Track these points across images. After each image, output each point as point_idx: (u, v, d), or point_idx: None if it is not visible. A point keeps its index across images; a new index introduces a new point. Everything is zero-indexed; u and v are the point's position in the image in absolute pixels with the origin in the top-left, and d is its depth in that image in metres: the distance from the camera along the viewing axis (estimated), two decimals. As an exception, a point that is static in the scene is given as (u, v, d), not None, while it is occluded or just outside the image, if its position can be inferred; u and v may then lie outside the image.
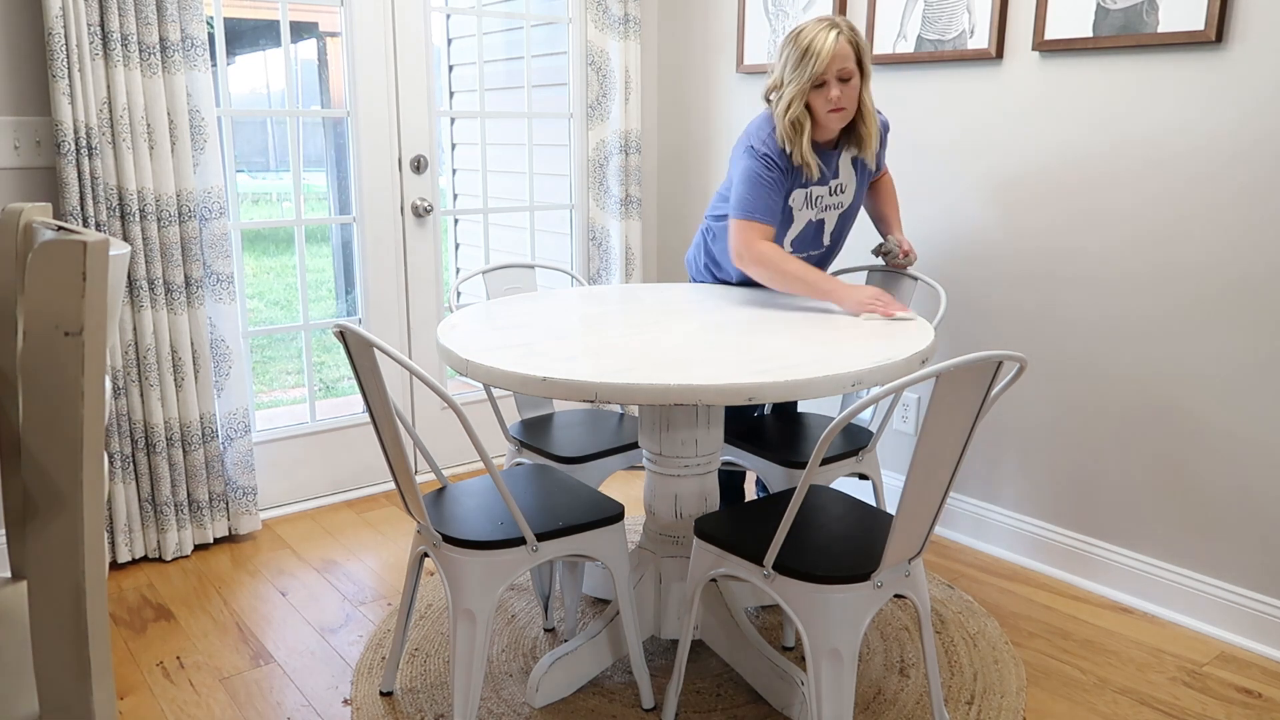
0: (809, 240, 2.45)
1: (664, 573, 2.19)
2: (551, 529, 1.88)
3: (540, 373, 1.69)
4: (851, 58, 2.21)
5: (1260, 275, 2.24)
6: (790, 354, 1.82)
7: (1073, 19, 2.46)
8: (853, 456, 2.35)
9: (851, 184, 2.41)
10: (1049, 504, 2.73)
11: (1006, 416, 2.80)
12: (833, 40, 2.18)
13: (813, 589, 1.68)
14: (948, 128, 2.81)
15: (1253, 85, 2.20)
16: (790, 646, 2.34)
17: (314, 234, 9.32)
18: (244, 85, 10.60)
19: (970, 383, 1.54)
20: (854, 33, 2.23)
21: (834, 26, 2.21)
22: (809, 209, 2.38)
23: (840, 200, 2.41)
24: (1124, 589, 2.58)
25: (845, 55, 2.20)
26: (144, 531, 2.77)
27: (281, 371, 5.84)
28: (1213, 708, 2.11)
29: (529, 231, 3.68)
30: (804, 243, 2.45)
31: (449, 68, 4.57)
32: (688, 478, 2.14)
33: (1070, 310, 2.61)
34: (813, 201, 2.37)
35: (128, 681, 2.21)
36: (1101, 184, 2.50)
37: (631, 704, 2.10)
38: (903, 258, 2.48)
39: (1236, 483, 2.34)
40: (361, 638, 2.40)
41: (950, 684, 2.17)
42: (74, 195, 2.45)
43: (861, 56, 2.24)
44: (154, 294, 2.64)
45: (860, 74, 2.25)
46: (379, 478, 3.38)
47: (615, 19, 3.48)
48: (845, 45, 2.19)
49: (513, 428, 2.51)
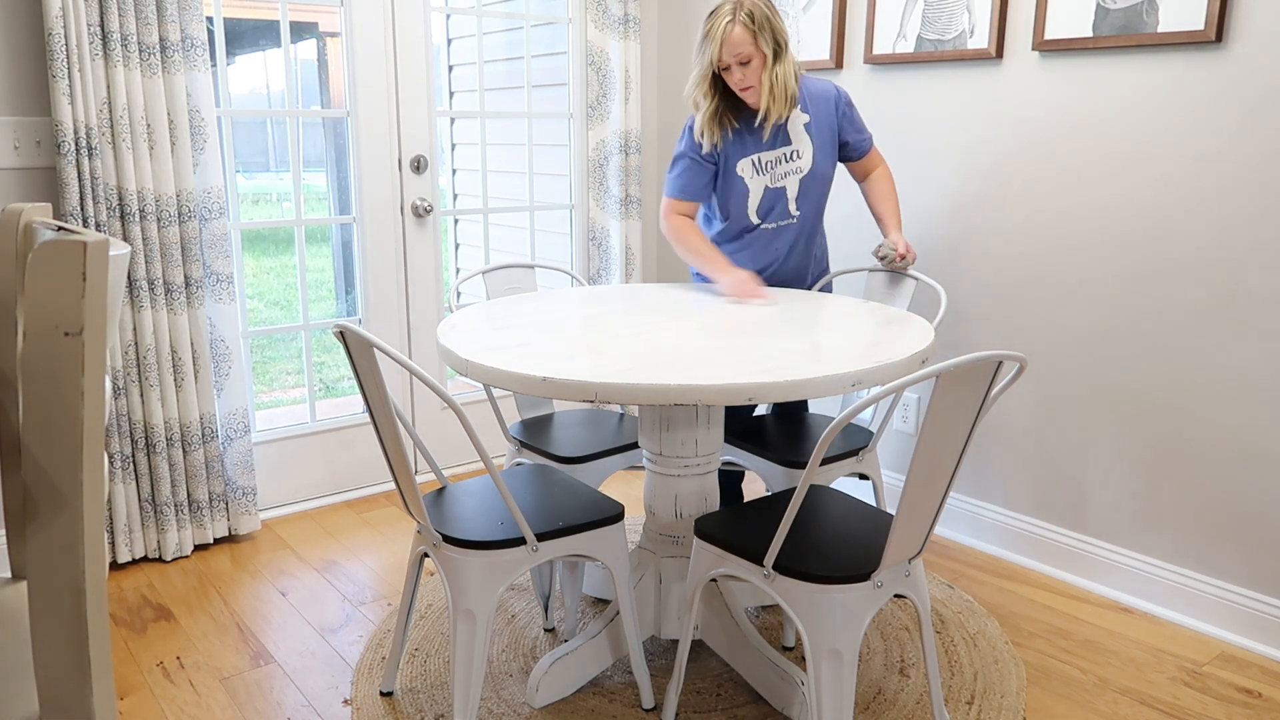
0: (778, 210, 2.50)
1: (664, 573, 2.19)
2: (551, 529, 1.88)
3: (540, 373, 1.69)
4: (747, 41, 2.29)
5: (1260, 275, 2.24)
6: (790, 354, 1.82)
7: (1073, 19, 2.46)
8: (853, 456, 2.35)
9: (808, 149, 2.46)
10: (1049, 504, 2.73)
11: (1007, 416, 2.80)
12: (724, 27, 2.30)
13: (813, 589, 1.68)
14: (947, 128, 2.81)
15: (1253, 85, 2.20)
16: (790, 646, 2.34)
17: (314, 234, 9.32)
18: (244, 85, 10.60)
19: (970, 383, 1.54)
20: (751, 16, 2.29)
21: (734, 12, 2.30)
22: (761, 175, 2.45)
23: (799, 165, 2.46)
24: (1124, 589, 2.58)
25: (739, 40, 2.29)
26: (144, 531, 2.77)
27: (281, 371, 5.84)
28: (1213, 708, 2.11)
29: (529, 231, 3.68)
30: (772, 212, 2.50)
31: (449, 68, 4.57)
32: (688, 478, 2.14)
33: (1070, 309, 2.61)
34: (763, 168, 2.45)
35: (128, 681, 2.21)
36: (1101, 184, 2.50)
37: (631, 704, 2.10)
38: (900, 260, 2.48)
39: (1236, 483, 2.34)
40: (361, 638, 2.40)
41: (950, 684, 2.17)
42: (74, 195, 2.45)
43: (758, 38, 2.30)
44: (154, 294, 2.64)
45: (762, 55, 2.32)
46: (379, 478, 3.38)
47: (615, 19, 3.48)
48: (740, 31, 2.28)
49: (513, 428, 2.51)
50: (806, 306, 2.30)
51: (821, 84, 2.51)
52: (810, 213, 2.53)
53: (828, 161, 2.50)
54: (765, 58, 2.33)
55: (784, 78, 2.36)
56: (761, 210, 2.49)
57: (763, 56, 2.32)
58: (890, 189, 2.59)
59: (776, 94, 2.36)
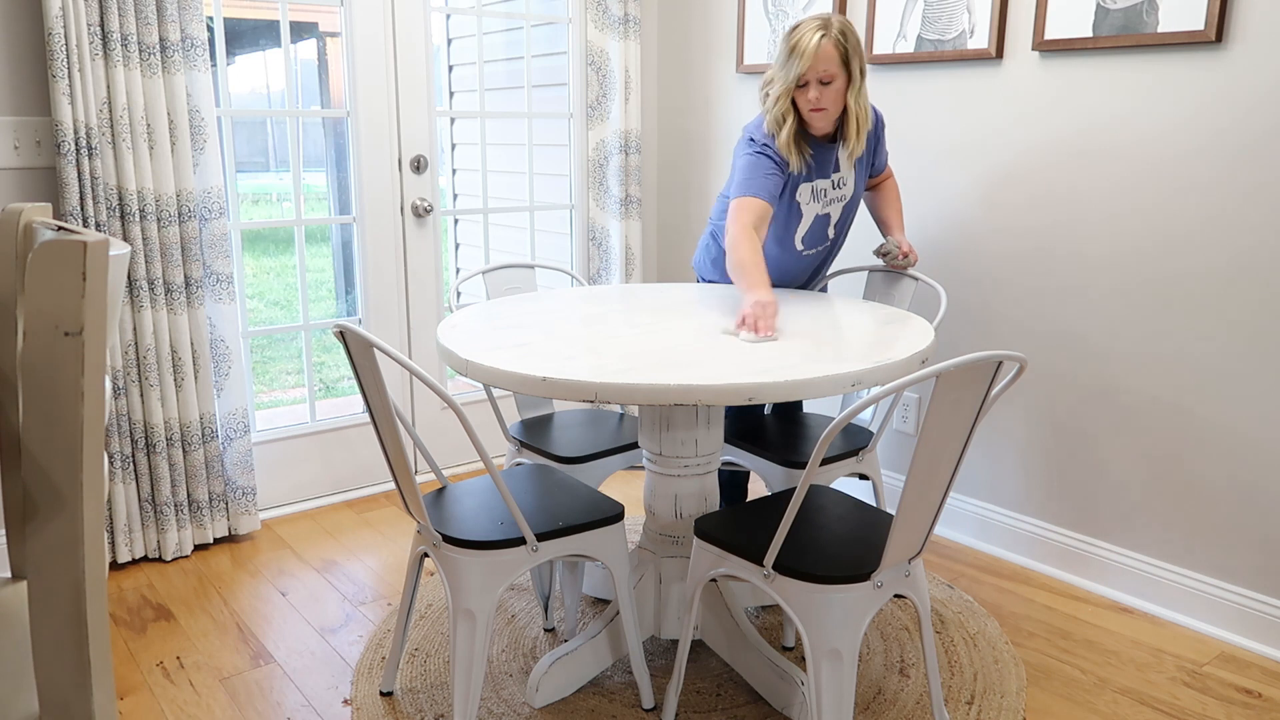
0: (818, 235, 2.48)
1: (664, 573, 2.19)
2: (551, 529, 1.88)
3: (540, 373, 1.69)
4: (835, 60, 2.20)
5: (1260, 274, 2.24)
6: (790, 354, 1.82)
7: (1073, 19, 2.46)
8: (853, 456, 2.35)
9: (851, 177, 2.44)
10: (1049, 504, 2.73)
11: (1006, 416, 2.80)
12: (816, 42, 2.19)
13: (813, 589, 1.68)
14: (947, 128, 2.81)
15: (1253, 85, 2.20)
16: (790, 646, 2.34)
17: (314, 234, 9.32)
18: (244, 85, 10.60)
19: (970, 383, 1.54)
20: (844, 35, 2.21)
21: (824, 28, 2.21)
22: (815, 202, 2.41)
23: (843, 193, 2.45)
24: (1124, 589, 2.58)
25: (828, 58, 2.20)
26: (144, 531, 2.77)
27: (281, 371, 5.84)
28: (1213, 708, 2.11)
29: (529, 231, 3.68)
30: (813, 238, 2.48)
31: (449, 68, 4.57)
32: (688, 478, 2.14)
33: (1070, 310, 2.61)
34: (819, 195, 2.40)
35: (128, 681, 2.21)
36: (1101, 184, 2.50)
37: (631, 704, 2.10)
38: (902, 258, 2.48)
39: (1236, 483, 2.34)
40: (361, 638, 2.40)
41: (950, 684, 2.17)
42: (74, 195, 2.45)
43: (849, 60, 2.23)
44: (154, 294, 2.64)
45: (848, 77, 2.25)
46: (379, 478, 3.38)
47: (615, 19, 3.48)
48: (830, 48, 2.19)
49: (513, 428, 2.51)
50: (806, 306, 2.30)
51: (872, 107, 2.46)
52: (841, 236, 2.55)
53: (863, 185, 2.50)
54: (849, 80, 2.25)
55: (866, 106, 2.31)
56: (808, 237, 2.46)
57: (846, 78, 2.25)
58: (896, 195, 2.60)
59: (861, 121, 2.30)
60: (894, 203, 2.58)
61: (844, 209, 2.48)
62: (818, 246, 2.50)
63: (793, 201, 2.38)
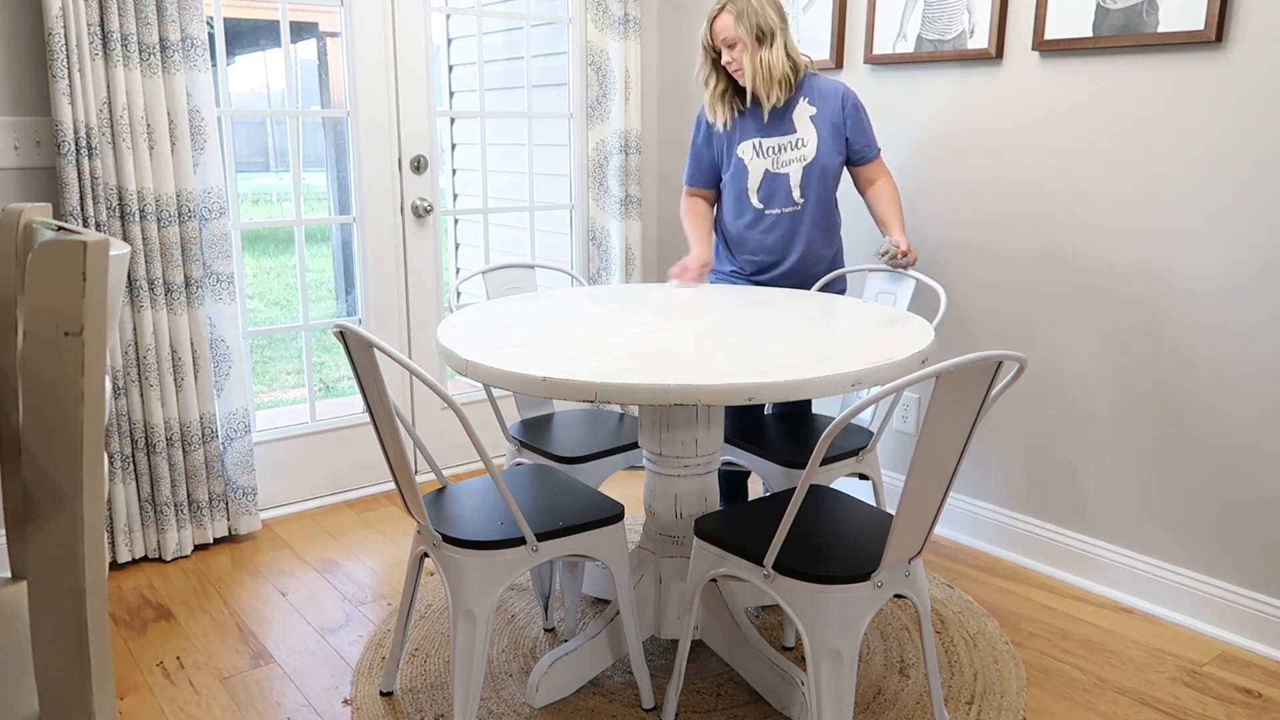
0: (780, 196, 2.60)
1: (664, 573, 2.19)
2: (551, 529, 1.88)
3: (540, 373, 1.69)
4: (731, 26, 2.51)
5: (1260, 274, 2.24)
6: (790, 354, 1.82)
7: (1073, 19, 2.46)
8: (853, 456, 2.35)
9: (813, 138, 2.58)
10: (1049, 504, 2.73)
11: (1006, 416, 2.80)
12: (714, 14, 2.55)
13: (813, 589, 1.68)
14: (947, 128, 2.81)
15: (1253, 85, 2.20)
16: (790, 646, 2.34)
17: (314, 234, 9.32)
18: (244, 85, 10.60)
19: (970, 383, 1.54)
20: (736, 4, 2.51)
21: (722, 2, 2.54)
22: (762, 158, 2.61)
23: (804, 154, 2.58)
24: (1124, 589, 2.58)
25: (724, 26, 2.52)
26: (144, 531, 2.77)
27: (281, 371, 5.84)
28: (1213, 708, 2.11)
29: (529, 231, 3.68)
30: (775, 197, 2.61)
31: (449, 68, 4.57)
32: (688, 478, 2.14)
33: (1070, 309, 2.61)
34: (763, 151, 2.61)
35: (128, 681, 2.21)
36: (1101, 184, 2.50)
37: (631, 704, 2.10)
38: (901, 258, 2.50)
39: (1236, 483, 2.34)
40: (361, 638, 2.40)
41: (950, 684, 2.17)
42: (74, 195, 2.45)
43: (744, 23, 2.51)
44: (154, 294, 2.64)
45: (747, 39, 2.51)
46: (379, 478, 3.38)
47: (615, 19, 3.48)
48: (725, 17, 2.52)
49: (513, 428, 2.51)
50: (806, 306, 2.30)
51: (833, 83, 2.60)
52: (815, 200, 2.59)
53: (832, 153, 2.58)
54: (747, 44, 2.50)
55: (769, 63, 2.52)
56: (763, 194, 2.60)
57: (744, 43, 2.50)
58: (893, 195, 2.63)
59: (761, 76, 2.53)
60: (892, 203, 2.61)
61: (805, 170, 2.58)
62: (784, 208, 2.60)
63: (734, 156, 2.63)
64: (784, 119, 2.60)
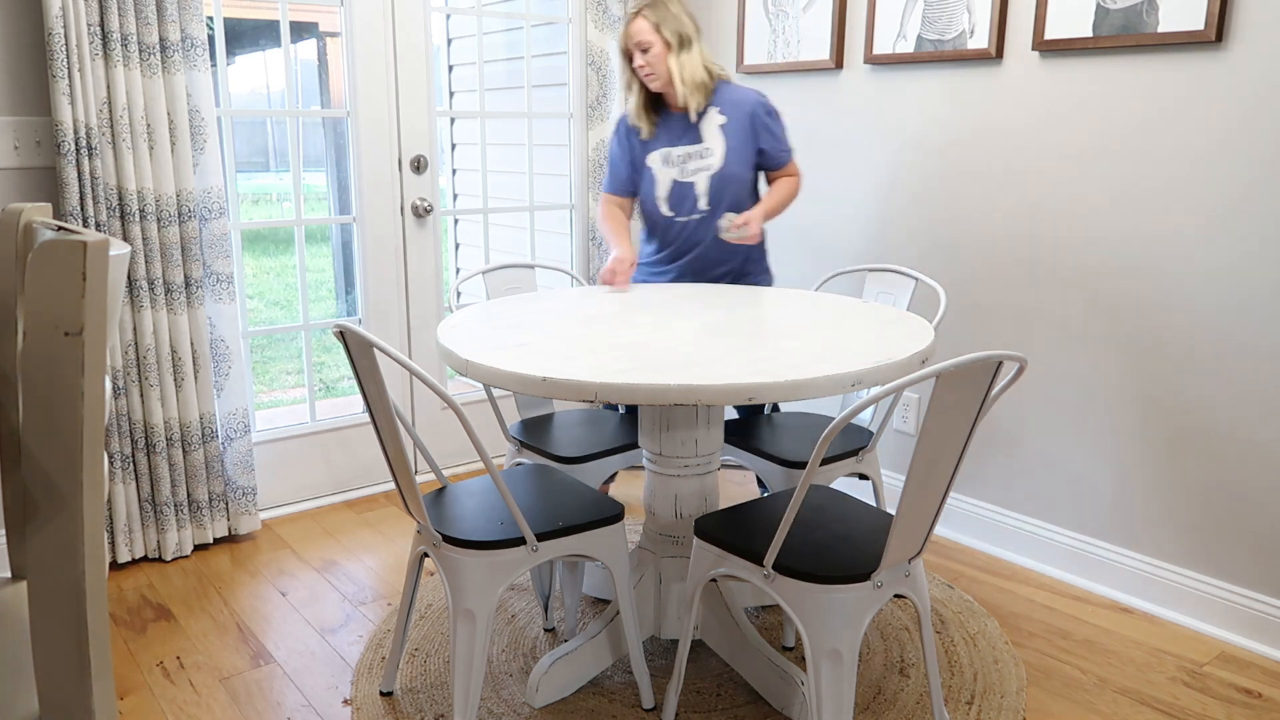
0: (686, 202, 2.66)
1: (664, 573, 2.19)
2: (551, 529, 1.88)
3: (540, 373, 1.69)
4: (647, 30, 2.56)
5: (1260, 274, 2.24)
6: (790, 354, 1.82)
7: (1073, 19, 2.46)
8: (853, 456, 2.35)
9: (720, 148, 2.62)
10: (1049, 504, 2.73)
11: (1006, 416, 2.80)
12: (628, 19, 2.60)
13: (813, 589, 1.68)
14: (947, 128, 2.81)
15: (1253, 85, 2.20)
16: (790, 646, 2.34)
17: (314, 234, 9.32)
18: (244, 85, 10.61)
19: (970, 383, 1.54)
20: (655, 10, 2.57)
21: (639, 5, 2.59)
22: (670, 167, 2.65)
23: (709, 164, 2.62)
24: (1124, 589, 2.58)
25: (639, 30, 2.57)
26: (144, 531, 2.77)
27: (281, 371, 5.84)
28: (1213, 708, 2.11)
29: (529, 231, 3.68)
30: (681, 204, 2.67)
31: (449, 68, 4.57)
32: (688, 478, 2.14)
33: (1070, 309, 2.61)
34: (673, 161, 2.65)
35: (128, 681, 2.21)
36: (1101, 184, 2.50)
37: (631, 704, 2.10)
38: (733, 230, 2.51)
39: (1237, 482, 2.34)
40: (361, 638, 2.40)
41: (950, 684, 2.17)
42: (74, 195, 2.45)
43: (660, 28, 2.56)
44: (154, 294, 2.64)
45: (664, 43, 2.56)
46: (379, 478, 3.38)
47: (615, 19, 3.48)
48: (639, 21, 2.57)
49: (513, 428, 2.51)
50: (806, 306, 2.30)
51: (745, 91, 2.66)
52: (717, 207, 2.64)
53: (740, 164, 2.62)
54: (667, 45, 2.55)
55: (692, 67, 2.57)
56: (672, 202, 2.67)
57: (664, 44, 2.55)
58: (782, 189, 2.67)
59: (686, 79, 2.57)
60: (774, 193, 2.66)
61: (713, 181, 2.62)
62: (690, 215, 2.66)
63: (645, 167, 2.69)
64: (693, 128, 2.64)
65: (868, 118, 3.01)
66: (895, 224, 2.99)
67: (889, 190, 2.99)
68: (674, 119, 2.66)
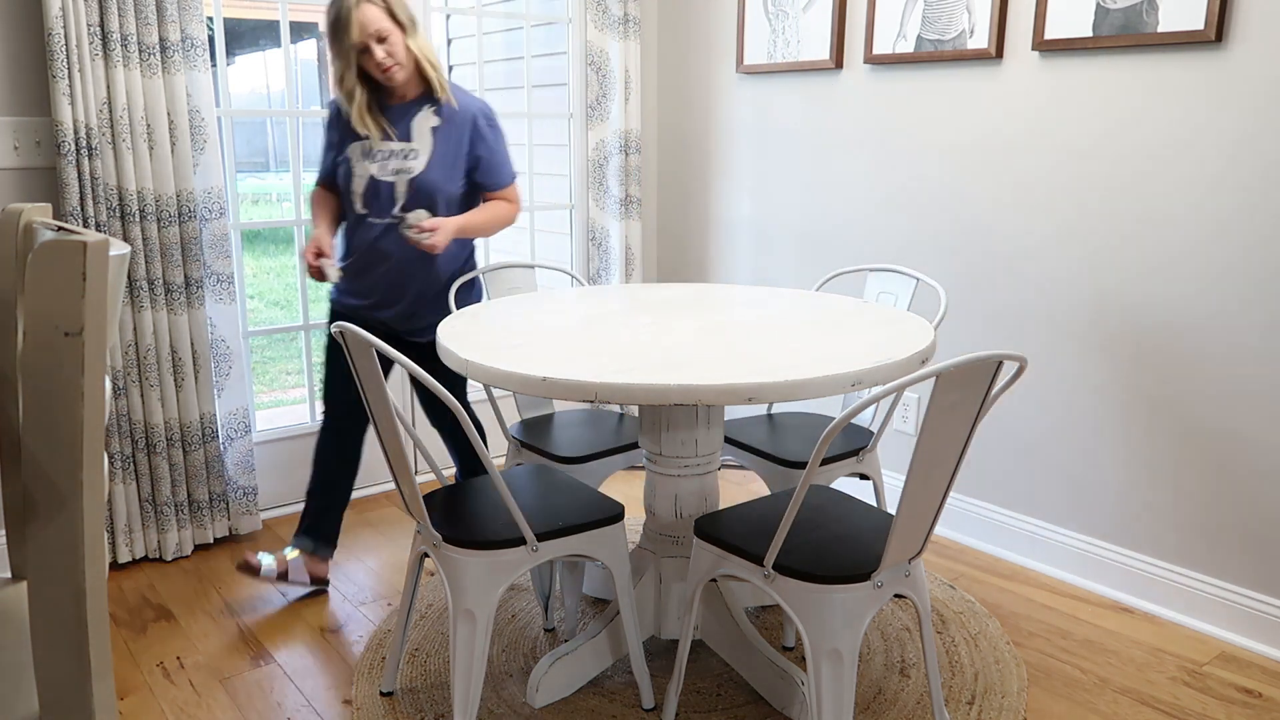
0: (382, 203, 2.41)
1: (664, 573, 2.19)
2: (551, 529, 1.88)
3: (540, 373, 1.69)
4: (382, 18, 2.28)
5: (1260, 273, 2.24)
6: (790, 354, 1.82)
7: (1073, 19, 2.46)
8: (853, 456, 2.35)
9: (425, 152, 2.38)
10: (1049, 504, 2.73)
11: (1006, 416, 2.80)
12: (355, 7, 2.26)
13: (813, 589, 1.68)
14: (947, 128, 2.81)
15: (1253, 85, 2.20)
16: (790, 646, 2.34)
17: (314, 234, 9.30)
18: (244, 85, 10.61)
19: (970, 383, 1.54)
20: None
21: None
22: (369, 162, 2.40)
23: (410, 166, 2.38)
24: (1124, 589, 2.58)
25: (372, 18, 2.27)
26: (144, 531, 2.77)
27: (281, 371, 5.84)
28: (1213, 708, 2.11)
29: (529, 231, 3.68)
30: (377, 204, 2.41)
31: (449, 68, 4.57)
32: (688, 478, 2.14)
33: (1070, 309, 2.61)
34: (373, 155, 2.40)
35: (128, 681, 2.21)
36: (1101, 183, 2.50)
37: (631, 704, 2.10)
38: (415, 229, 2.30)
39: (1237, 482, 2.34)
40: (361, 638, 2.40)
41: (951, 684, 2.17)
42: (74, 195, 2.45)
43: (393, 11, 2.30)
44: (154, 294, 2.64)
45: (400, 27, 2.31)
46: (379, 478, 3.38)
47: (615, 19, 3.48)
48: (368, 9, 2.27)
49: (513, 428, 2.51)
50: (805, 306, 2.30)
51: (469, 98, 2.46)
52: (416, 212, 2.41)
53: (444, 174, 2.39)
54: (403, 28, 2.32)
55: (428, 49, 2.37)
56: (370, 200, 2.42)
57: (400, 28, 2.31)
58: (494, 211, 2.47)
59: (431, 60, 2.36)
60: (481, 210, 2.45)
61: (410, 185, 2.38)
62: (382, 217, 2.41)
63: (345, 158, 2.43)
64: (402, 124, 2.40)
65: (868, 118, 3.01)
66: (895, 224, 2.99)
67: (889, 190, 2.99)
68: (389, 111, 2.40)
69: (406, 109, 2.41)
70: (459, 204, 2.46)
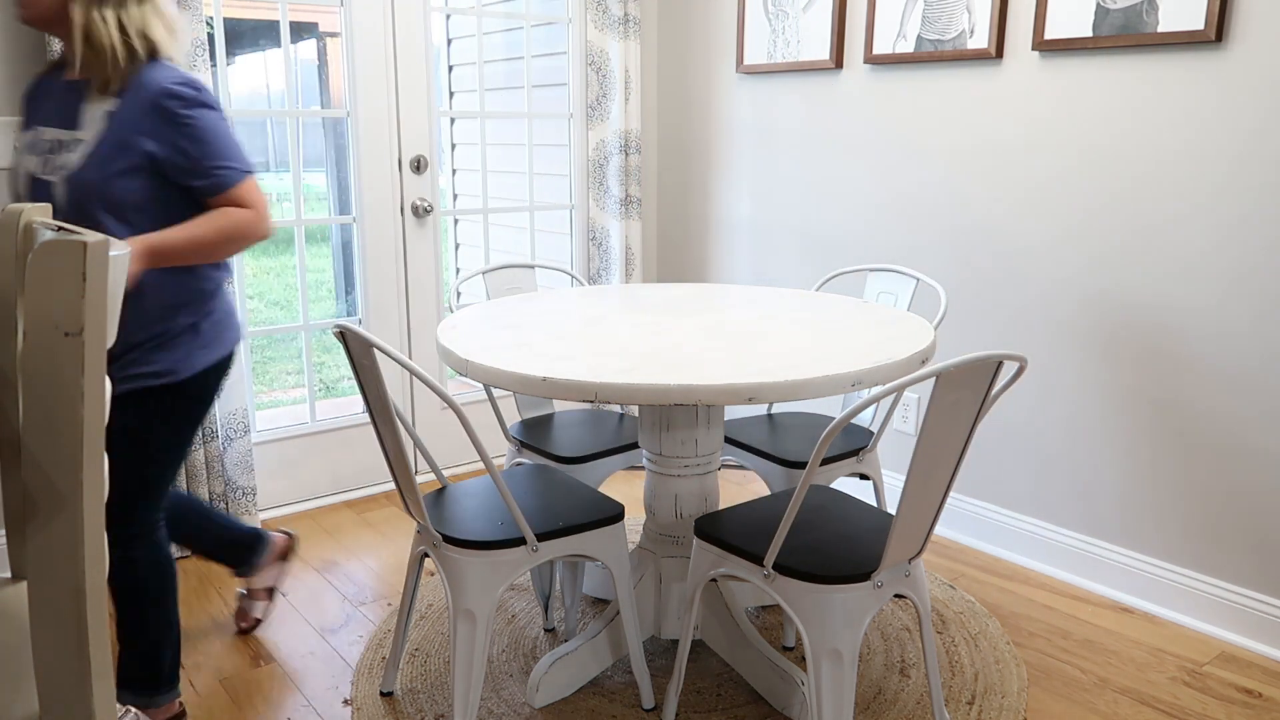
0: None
1: (664, 573, 2.19)
2: (551, 529, 1.88)
3: (540, 373, 1.69)
4: None
5: (1260, 273, 2.24)
6: (790, 354, 1.82)
7: (1072, 19, 2.46)
8: (853, 456, 2.35)
9: (90, 143, 1.75)
10: (1049, 504, 2.73)
11: (1007, 416, 2.80)
12: None
13: (813, 589, 1.68)
14: (947, 128, 2.81)
15: (1253, 85, 2.20)
16: (790, 646, 2.34)
17: (314, 234, 9.32)
18: (244, 85, 10.60)
19: (970, 383, 1.54)
20: None
21: None
22: (33, 155, 1.81)
23: (65, 162, 1.75)
24: (1124, 589, 2.58)
25: None
26: (144, 532, 2.76)
27: (281, 371, 5.84)
28: (1213, 708, 2.11)
29: (529, 231, 3.68)
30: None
31: (449, 68, 4.57)
32: (688, 478, 2.14)
33: (1070, 309, 2.61)
34: (39, 146, 1.81)
35: (128, 682, 2.21)
36: (1101, 184, 2.50)
37: (631, 704, 2.10)
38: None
39: (1237, 482, 2.34)
40: (361, 638, 2.40)
41: (951, 684, 2.17)
42: (74, 195, 2.45)
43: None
44: (154, 294, 2.64)
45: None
46: (379, 478, 3.38)
47: (615, 19, 3.48)
48: None
49: (513, 428, 2.51)
50: (806, 306, 2.30)
51: (167, 73, 1.77)
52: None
53: (105, 169, 1.73)
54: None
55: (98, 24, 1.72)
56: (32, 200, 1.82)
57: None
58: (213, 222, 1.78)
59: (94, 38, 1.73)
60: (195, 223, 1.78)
61: (70, 189, 1.74)
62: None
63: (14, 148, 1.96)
64: (78, 105, 1.79)
65: (868, 118, 3.01)
66: (895, 224, 2.99)
67: (889, 190, 2.99)
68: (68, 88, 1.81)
69: (83, 87, 1.79)
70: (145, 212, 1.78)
